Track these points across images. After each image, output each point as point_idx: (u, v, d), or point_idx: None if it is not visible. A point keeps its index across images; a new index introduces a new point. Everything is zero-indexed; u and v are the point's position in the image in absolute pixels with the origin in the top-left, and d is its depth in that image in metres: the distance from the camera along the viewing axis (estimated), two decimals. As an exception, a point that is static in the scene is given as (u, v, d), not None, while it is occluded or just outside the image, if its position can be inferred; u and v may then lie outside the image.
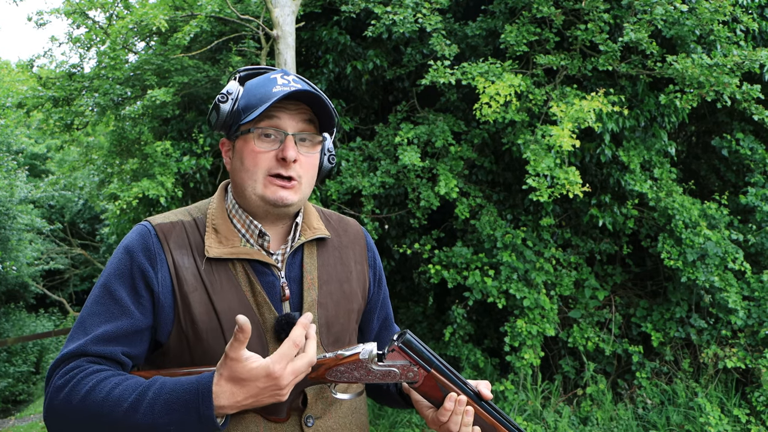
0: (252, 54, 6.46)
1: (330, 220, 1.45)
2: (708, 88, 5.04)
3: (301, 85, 1.28)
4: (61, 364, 1.15)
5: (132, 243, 1.24)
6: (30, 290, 14.87)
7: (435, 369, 1.22)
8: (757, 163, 5.80)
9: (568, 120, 4.97)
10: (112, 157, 7.63)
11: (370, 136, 6.52)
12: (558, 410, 5.45)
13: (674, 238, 5.35)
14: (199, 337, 1.21)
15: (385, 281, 1.53)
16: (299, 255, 1.34)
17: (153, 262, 1.22)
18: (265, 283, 1.27)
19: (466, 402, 1.24)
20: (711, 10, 5.15)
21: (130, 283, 1.20)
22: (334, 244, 1.41)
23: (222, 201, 1.34)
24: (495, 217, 5.66)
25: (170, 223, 1.28)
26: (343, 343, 1.35)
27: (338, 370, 1.19)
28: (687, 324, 5.57)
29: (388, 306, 1.55)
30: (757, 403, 5.16)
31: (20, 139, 15.79)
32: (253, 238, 1.30)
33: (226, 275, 1.25)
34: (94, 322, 1.18)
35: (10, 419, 9.22)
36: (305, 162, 1.28)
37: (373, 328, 1.51)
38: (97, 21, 7.87)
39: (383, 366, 1.20)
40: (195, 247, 1.26)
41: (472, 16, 6.38)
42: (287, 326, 1.22)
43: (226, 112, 1.28)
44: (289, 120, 1.26)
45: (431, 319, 6.65)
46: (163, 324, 1.21)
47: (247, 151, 1.26)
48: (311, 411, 1.26)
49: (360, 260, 1.44)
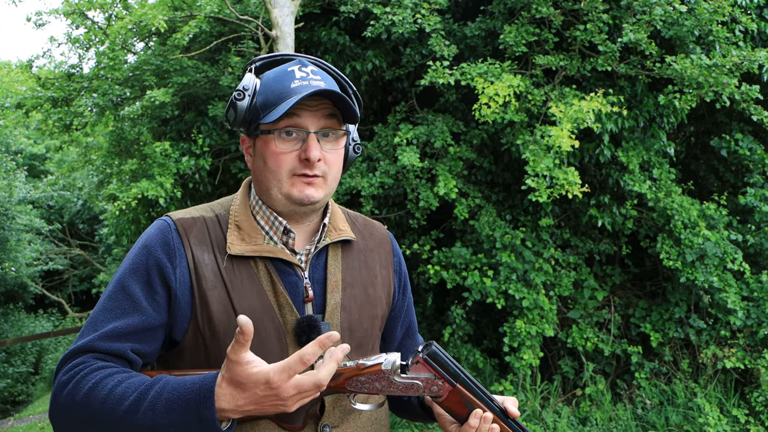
0: (251, 54, 6.46)
1: (356, 222, 1.41)
2: (707, 88, 5.04)
3: (320, 79, 1.24)
4: (68, 360, 1.13)
5: (150, 238, 1.21)
6: (29, 291, 14.86)
7: (461, 383, 1.17)
8: (756, 164, 5.80)
9: (567, 120, 4.97)
10: (111, 157, 7.63)
11: (369, 137, 6.52)
12: (557, 411, 5.45)
13: (673, 239, 5.36)
14: (216, 336, 1.17)
15: (410, 288, 1.48)
16: (323, 256, 1.30)
17: (171, 257, 1.18)
18: (288, 283, 1.23)
19: (492, 419, 1.18)
20: (710, 11, 5.15)
21: (145, 279, 1.17)
22: (360, 247, 1.36)
23: (245, 198, 1.30)
24: (494, 217, 5.66)
25: (191, 219, 1.24)
26: (366, 348, 1.31)
27: (359, 380, 1.14)
28: (686, 324, 5.57)
29: (413, 314, 1.50)
30: (756, 404, 5.16)
31: (19, 139, 15.78)
32: (277, 236, 1.26)
33: (248, 273, 1.21)
34: (104, 318, 1.15)
35: (9, 420, 9.22)
36: (330, 158, 1.24)
37: (397, 336, 1.47)
38: (96, 21, 7.87)
39: (406, 378, 1.15)
40: (216, 243, 1.22)
41: (471, 16, 6.38)
42: (308, 329, 1.20)
43: (244, 109, 1.23)
44: (310, 117, 1.21)
45: (430, 320, 6.64)
46: (180, 321, 1.18)
47: (269, 152, 1.21)
48: (328, 419, 1.21)
49: (385, 265, 1.39)
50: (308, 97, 1.19)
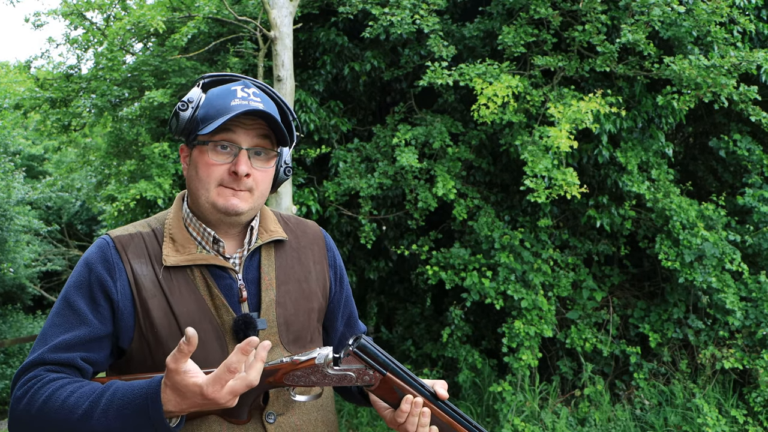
0: (250, 55, 6.45)
1: (288, 222, 1.49)
2: (705, 89, 5.05)
3: (260, 101, 1.30)
4: (21, 374, 1.20)
5: (91, 256, 1.29)
6: (27, 292, 14.83)
7: (391, 372, 1.24)
8: (754, 164, 5.81)
9: (566, 121, 4.97)
10: (110, 158, 7.64)
11: (368, 138, 6.52)
12: (556, 411, 5.45)
13: (672, 239, 5.36)
14: (160, 341, 1.24)
15: (347, 281, 1.56)
16: (257, 257, 1.38)
17: (112, 273, 1.26)
18: (223, 286, 1.31)
19: (422, 403, 1.26)
20: (708, 12, 5.15)
21: (89, 294, 1.25)
22: (293, 246, 1.44)
23: (179, 211, 1.38)
24: (493, 218, 5.66)
25: (129, 235, 1.33)
26: (305, 341, 1.38)
27: (295, 375, 1.22)
28: (684, 325, 5.57)
29: (352, 304, 1.59)
30: (755, 404, 5.17)
31: (17, 140, 15.75)
32: (208, 245, 1.33)
33: (185, 281, 1.29)
34: (53, 332, 1.23)
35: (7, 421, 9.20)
36: (258, 176, 1.31)
37: (338, 327, 1.54)
38: (95, 22, 7.87)
39: (339, 370, 1.23)
40: (153, 256, 1.30)
41: (469, 17, 6.38)
42: (244, 326, 1.27)
43: (186, 119, 1.31)
44: (243, 135, 1.28)
45: (429, 321, 6.64)
46: (124, 330, 1.25)
47: (202, 162, 1.29)
48: (272, 408, 1.29)
49: (319, 260, 1.47)
50: (243, 115, 1.27)
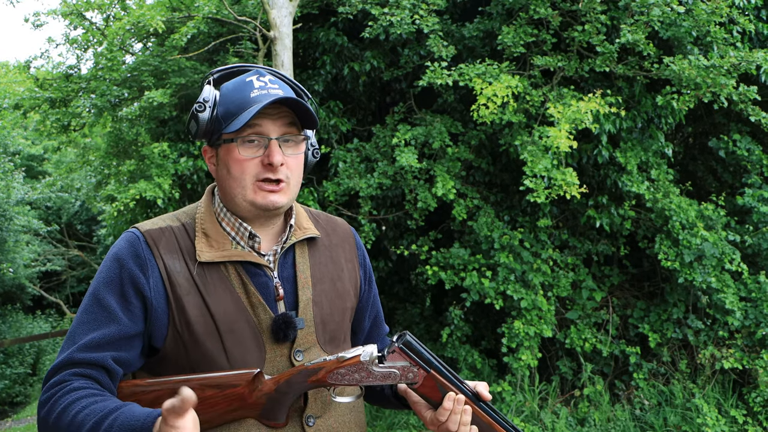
0: (249, 55, 6.45)
1: (318, 219, 1.46)
2: (705, 89, 5.05)
3: (278, 87, 1.29)
4: (50, 377, 1.18)
5: (121, 251, 1.25)
6: (27, 292, 14.83)
7: (435, 370, 1.23)
8: (753, 164, 5.81)
9: (566, 121, 4.97)
10: (109, 158, 7.63)
11: (368, 138, 6.52)
12: (555, 411, 5.45)
13: (671, 239, 5.36)
14: (196, 339, 1.21)
15: (374, 280, 1.54)
16: (291, 255, 1.35)
17: (144, 269, 1.22)
18: (258, 283, 1.28)
19: (464, 401, 1.24)
20: (708, 12, 5.15)
21: (119, 291, 1.21)
22: (325, 244, 1.41)
23: (210, 205, 1.34)
24: (492, 218, 5.66)
25: (159, 229, 1.28)
26: (339, 341, 1.36)
27: (339, 373, 1.20)
28: (684, 325, 5.57)
29: (378, 304, 1.56)
30: (754, 404, 5.17)
31: (17, 140, 15.75)
32: (243, 240, 1.30)
33: (219, 278, 1.26)
34: (82, 330, 1.20)
35: (7, 421, 9.21)
36: (291, 163, 1.29)
37: (365, 327, 1.52)
38: (94, 22, 7.86)
39: (384, 368, 1.21)
40: (186, 251, 1.26)
41: (469, 17, 6.38)
42: (285, 326, 1.25)
43: (206, 120, 1.28)
44: (271, 125, 1.26)
45: (429, 321, 6.64)
46: (158, 329, 1.22)
47: (233, 160, 1.26)
48: (311, 411, 1.27)
49: (350, 258, 1.45)
50: (268, 106, 1.24)
